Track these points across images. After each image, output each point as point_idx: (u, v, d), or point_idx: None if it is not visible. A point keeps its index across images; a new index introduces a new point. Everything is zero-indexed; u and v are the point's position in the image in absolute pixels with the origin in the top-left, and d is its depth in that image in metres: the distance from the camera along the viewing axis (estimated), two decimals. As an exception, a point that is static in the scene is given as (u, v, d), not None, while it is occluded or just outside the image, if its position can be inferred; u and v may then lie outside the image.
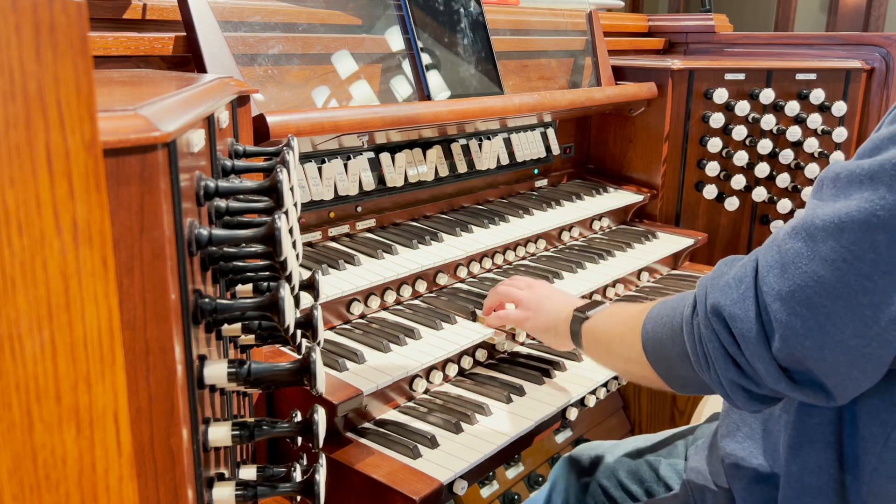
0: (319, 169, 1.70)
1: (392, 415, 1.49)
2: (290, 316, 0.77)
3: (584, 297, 1.85)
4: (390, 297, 1.70)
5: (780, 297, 0.88)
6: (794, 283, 0.87)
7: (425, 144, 1.96)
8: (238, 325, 0.87)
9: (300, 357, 0.80)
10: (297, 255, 0.94)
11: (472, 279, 1.91)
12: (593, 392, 1.64)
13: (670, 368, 1.10)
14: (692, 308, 1.01)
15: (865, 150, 0.87)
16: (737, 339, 0.92)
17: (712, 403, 2.10)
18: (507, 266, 2.02)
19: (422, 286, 1.77)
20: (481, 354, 1.71)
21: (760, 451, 1.09)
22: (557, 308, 1.52)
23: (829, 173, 0.90)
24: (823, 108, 2.49)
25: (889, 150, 0.83)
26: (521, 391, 1.58)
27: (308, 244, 1.73)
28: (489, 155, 2.12)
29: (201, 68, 1.43)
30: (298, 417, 0.84)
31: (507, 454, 1.43)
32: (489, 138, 2.12)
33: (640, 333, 1.15)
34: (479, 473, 1.37)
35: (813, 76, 2.47)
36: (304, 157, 1.68)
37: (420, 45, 1.85)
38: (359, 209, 1.86)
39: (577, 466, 1.52)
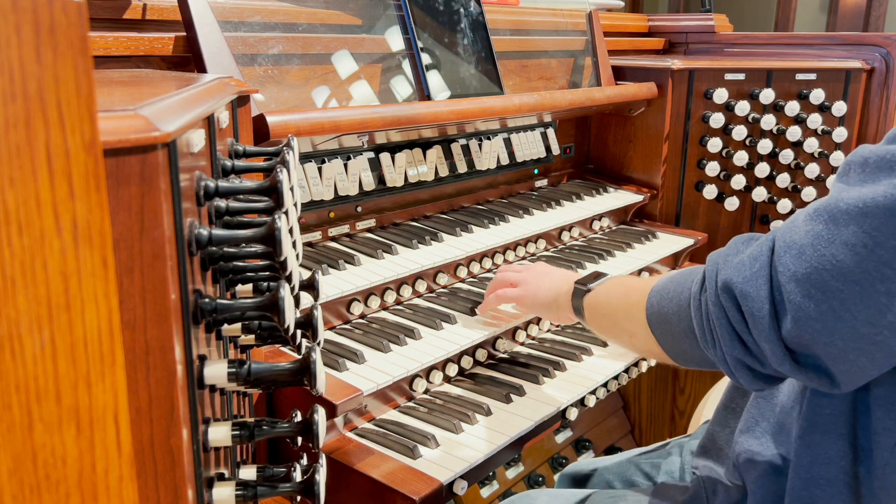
0: (319, 169, 1.70)
1: (392, 415, 1.49)
2: (290, 316, 0.77)
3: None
4: (390, 297, 1.70)
5: (796, 278, 0.86)
6: (811, 265, 0.85)
7: (425, 144, 1.96)
8: (238, 325, 0.87)
9: (300, 357, 0.80)
10: (297, 255, 0.94)
11: (472, 279, 1.90)
12: (593, 392, 1.64)
13: (675, 343, 1.09)
14: (700, 284, 1.00)
15: (894, 135, 0.85)
16: (746, 317, 0.91)
17: (711, 405, 2.10)
18: (507, 266, 2.02)
19: (422, 286, 1.77)
20: (481, 354, 1.71)
21: (775, 444, 1.07)
22: (558, 282, 1.50)
23: (856, 157, 0.88)
24: (823, 109, 2.49)
25: None
26: (521, 391, 1.58)
27: (308, 244, 1.73)
28: (489, 155, 2.12)
29: (201, 68, 1.43)
30: (298, 417, 0.84)
31: (507, 454, 1.43)
32: (489, 138, 2.12)
33: (644, 307, 1.13)
34: (479, 473, 1.37)
35: (813, 76, 2.47)
36: (304, 157, 1.68)
37: (420, 45, 1.85)
38: (359, 209, 1.86)
39: (575, 483, 1.52)
